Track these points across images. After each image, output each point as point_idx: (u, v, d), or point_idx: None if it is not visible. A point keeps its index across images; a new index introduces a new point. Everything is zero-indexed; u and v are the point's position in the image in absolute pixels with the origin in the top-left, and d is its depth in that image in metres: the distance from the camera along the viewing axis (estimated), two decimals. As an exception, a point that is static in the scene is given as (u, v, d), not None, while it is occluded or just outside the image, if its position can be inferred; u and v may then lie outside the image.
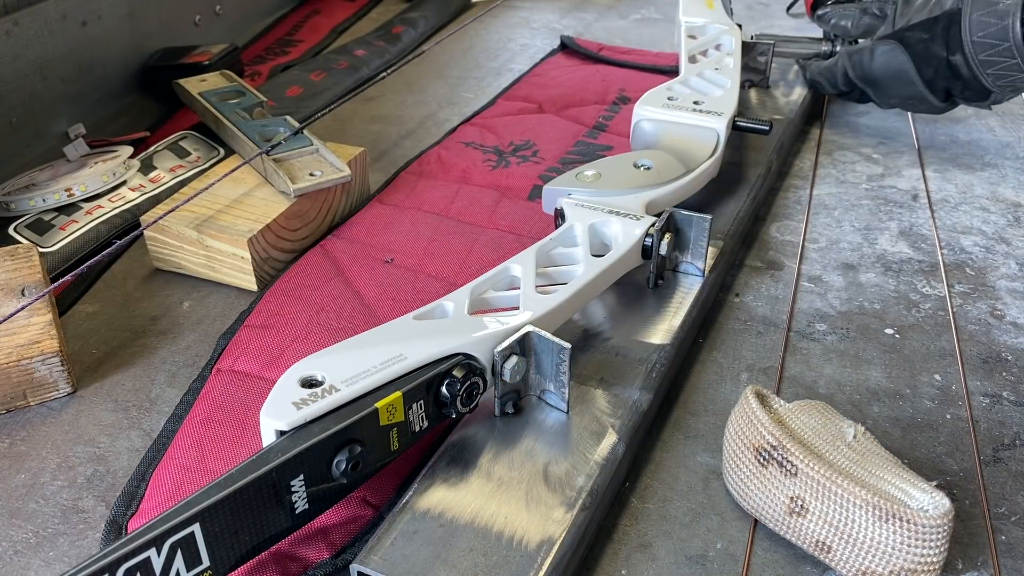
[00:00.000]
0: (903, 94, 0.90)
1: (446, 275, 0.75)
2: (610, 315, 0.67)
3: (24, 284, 0.66)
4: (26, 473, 0.58)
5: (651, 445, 0.59)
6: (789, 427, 0.52)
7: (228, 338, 0.68)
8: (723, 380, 0.65)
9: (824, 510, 0.48)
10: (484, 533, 0.48)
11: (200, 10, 1.21)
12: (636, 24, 1.42)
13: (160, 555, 0.42)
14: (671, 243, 0.68)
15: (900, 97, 0.91)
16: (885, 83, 0.91)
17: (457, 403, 0.52)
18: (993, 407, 0.62)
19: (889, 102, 0.94)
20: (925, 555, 0.46)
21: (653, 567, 0.51)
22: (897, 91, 0.91)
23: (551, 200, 0.73)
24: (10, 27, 0.91)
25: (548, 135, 1.00)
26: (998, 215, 0.86)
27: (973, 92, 0.86)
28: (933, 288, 0.75)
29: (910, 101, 0.91)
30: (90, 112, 1.02)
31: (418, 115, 1.09)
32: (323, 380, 0.50)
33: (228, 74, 1.02)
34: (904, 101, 0.92)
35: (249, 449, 0.57)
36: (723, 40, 1.01)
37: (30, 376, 0.62)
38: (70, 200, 0.83)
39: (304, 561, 0.51)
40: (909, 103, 0.92)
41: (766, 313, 0.72)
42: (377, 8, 1.47)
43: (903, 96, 0.91)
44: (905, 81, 0.89)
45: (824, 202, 0.89)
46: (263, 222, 0.74)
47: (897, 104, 0.93)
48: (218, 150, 0.94)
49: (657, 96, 0.87)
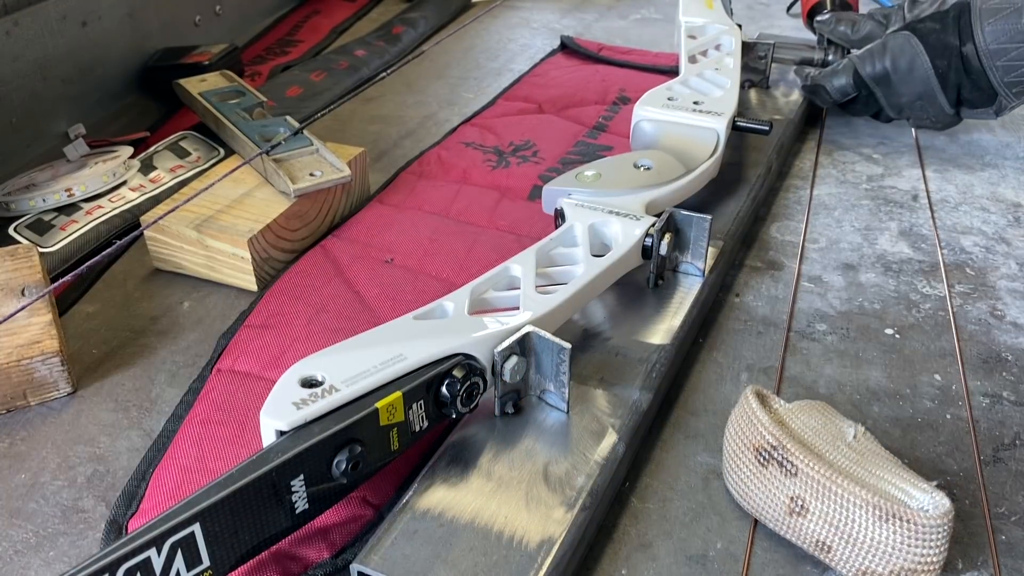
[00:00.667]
0: (915, 91, 0.89)
1: (446, 275, 0.75)
2: (610, 315, 0.67)
3: (24, 284, 0.66)
4: (26, 473, 0.58)
5: (651, 445, 0.59)
6: (789, 427, 0.52)
7: (228, 338, 0.68)
8: (723, 380, 0.65)
9: (824, 510, 0.48)
10: (484, 533, 0.48)
11: (200, 10, 1.21)
12: (636, 24, 1.42)
13: (160, 555, 0.42)
14: (671, 243, 0.68)
15: (911, 95, 0.90)
16: (897, 78, 0.89)
17: (457, 403, 0.52)
18: (993, 407, 0.62)
19: (899, 102, 0.91)
20: (925, 555, 0.46)
21: (653, 567, 0.51)
22: (909, 87, 0.89)
23: (551, 200, 0.73)
24: (10, 27, 0.91)
25: (548, 135, 1.00)
26: (998, 215, 0.86)
27: (980, 93, 0.86)
28: (933, 288, 0.75)
29: (919, 102, 0.90)
30: (90, 112, 1.02)
31: (418, 115, 1.09)
32: (323, 380, 0.50)
33: (228, 74, 1.02)
34: (913, 103, 0.90)
35: (249, 449, 0.57)
36: (723, 40, 1.01)
37: (30, 376, 0.62)
38: (70, 200, 0.83)
39: (304, 561, 0.51)
40: (918, 106, 0.90)
41: (766, 313, 0.72)
42: (377, 8, 1.47)
43: (914, 94, 0.89)
44: (918, 75, 0.88)
45: (824, 202, 0.89)
46: (263, 222, 0.74)
47: (906, 105, 0.91)
48: (218, 150, 0.94)
49: (657, 96, 0.87)
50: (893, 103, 0.93)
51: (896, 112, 0.94)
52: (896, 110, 0.93)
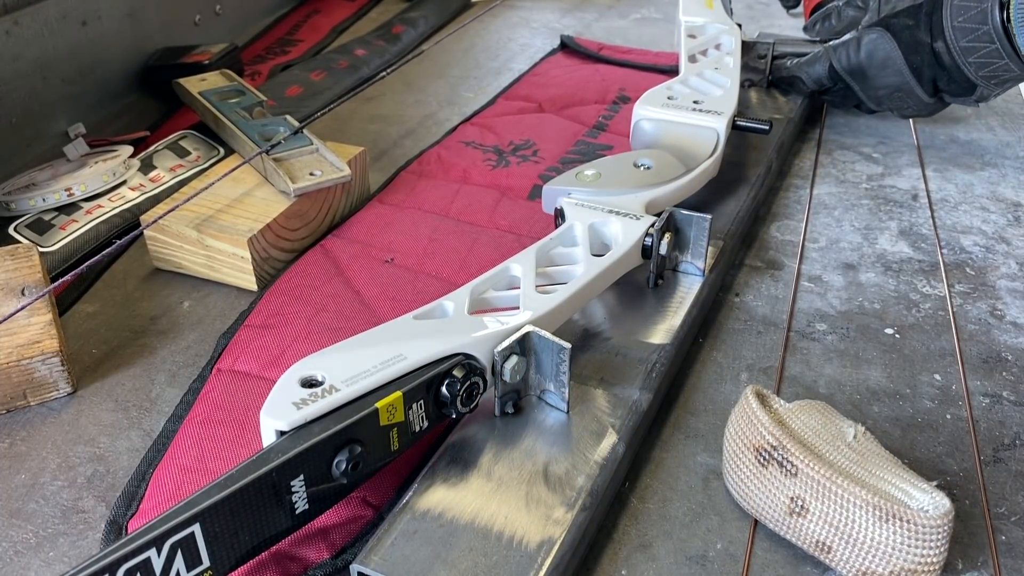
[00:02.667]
0: (890, 84, 0.89)
1: (446, 275, 0.75)
2: (610, 315, 0.67)
3: (24, 284, 0.66)
4: (26, 473, 0.58)
5: (651, 445, 0.59)
6: (789, 427, 0.52)
7: (228, 338, 0.68)
8: (723, 380, 0.65)
9: (824, 510, 0.48)
10: (484, 533, 0.48)
11: (200, 10, 1.21)
12: (636, 24, 1.42)
13: (160, 555, 0.42)
14: (671, 243, 0.68)
15: (888, 88, 0.89)
16: (872, 73, 0.89)
17: (457, 403, 0.52)
18: (993, 407, 0.62)
19: (876, 95, 0.91)
20: (925, 555, 0.46)
21: (653, 567, 0.51)
22: (884, 80, 0.89)
23: (551, 200, 0.73)
24: (10, 27, 0.91)
25: (548, 135, 1.00)
26: (998, 215, 0.86)
27: (958, 85, 0.85)
28: (933, 288, 0.75)
29: (897, 94, 0.89)
30: (90, 112, 1.02)
31: (418, 115, 1.09)
32: (323, 380, 0.50)
33: (228, 74, 1.02)
34: (891, 94, 0.90)
35: (249, 449, 0.57)
36: (723, 40, 1.01)
37: (30, 376, 0.62)
38: (70, 200, 0.83)
39: (304, 561, 0.51)
40: (896, 97, 0.90)
41: (766, 313, 0.72)
42: (377, 8, 1.47)
43: (891, 87, 0.89)
44: (892, 70, 0.87)
45: (824, 202, 0.89)
46: (263, 222, 0.74)
47: (884, 97, 0.91)
48: (218, 150, 0.94)
49: (657, 96, 0.87)
50: (871, 96, 0.92)
51: (876, 104, 0.94)
52: (875, 102, 0.93)
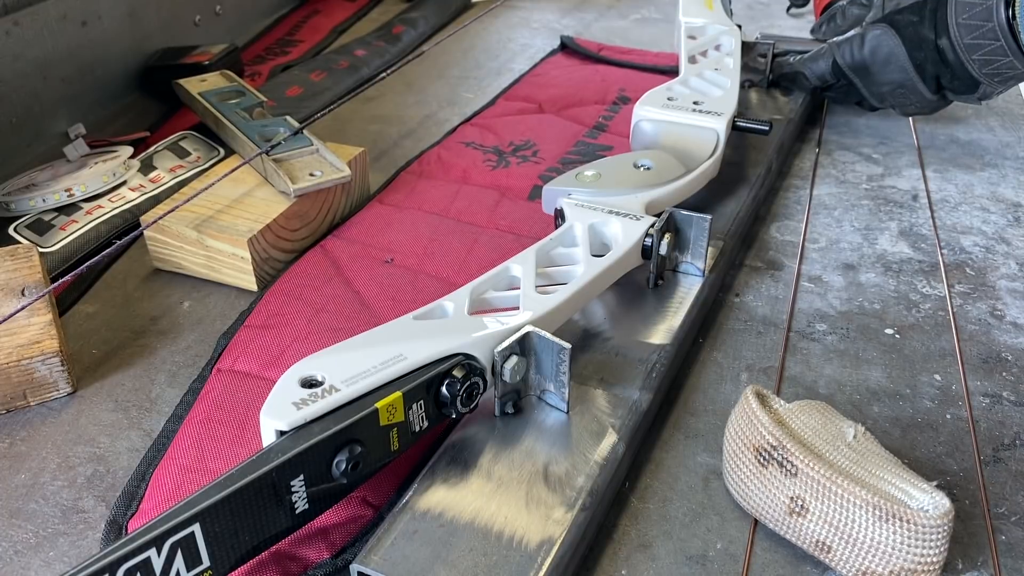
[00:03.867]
0: (894, 80, 0.88)
1: (446, 275, 0.75)
2: (610, 315, 0.67)
3: (24, 284, 0.66)
4: (26, 473, 0.58)
5: (651, 445, 0.59)
6: (789, 427, 0.52)
7: (228, 338, 0.68)
8: (723, 380, 0.65)
9: (824, 510, 0.48)
10: (484, 533, 0.48)
11: (200, 10, 1.21)
12: (636, 24, 1.42)
13: (160, 555, 0.42)
14: (671, 243, 0.68)
15: (891, 85, 0.89)
16: (876, 69, 0.89)
17: (457, 403, 0.52)
18: (993, 407, 0.62)
19: (879, 91, 0.91)
20: (925, 555, 0.46)
21: (653, 567, 0.51)
22: (887, 77, 0.88)
23: (551, 200, 0.73)
24: (10, 27, 0.91)
25: (548, 135, 1.00)
26: (998, 215, 0.86)
27: (961, 82, 0.85)
28: (933, 288, 0.75)
29: (900, 91, 0.89)
30: (90, 112, 1.02)
31: (418, 115, 1.09)
32: (323, 380, 0.50)
33: (228, 74, 1.02)
34: (894, 91, 0.90)
35: (249, 449, 0.57)
36: (723, 40, 1.01)
37: (30, 376, 0.62)
38: (70, 200, 0.83)
39: (304, 561, 0.51)
40: (899, 94, 0.90)
41: (766, 313, 0.72)
42: (377, 8, 1.47)
43: (894, 84, 0.89)
44: (896, 66, 0.87)
45: (824, 202, 0.89)
46: (263, 222, 0.74)
47: (887, 94, 0.91)
48: (218, 150, 0.94)
49: (657, 96, 0.87)
50: (874, 92, 0.92)
51: (879, 101, 0.93)
52: (878, 99, 0.93)
